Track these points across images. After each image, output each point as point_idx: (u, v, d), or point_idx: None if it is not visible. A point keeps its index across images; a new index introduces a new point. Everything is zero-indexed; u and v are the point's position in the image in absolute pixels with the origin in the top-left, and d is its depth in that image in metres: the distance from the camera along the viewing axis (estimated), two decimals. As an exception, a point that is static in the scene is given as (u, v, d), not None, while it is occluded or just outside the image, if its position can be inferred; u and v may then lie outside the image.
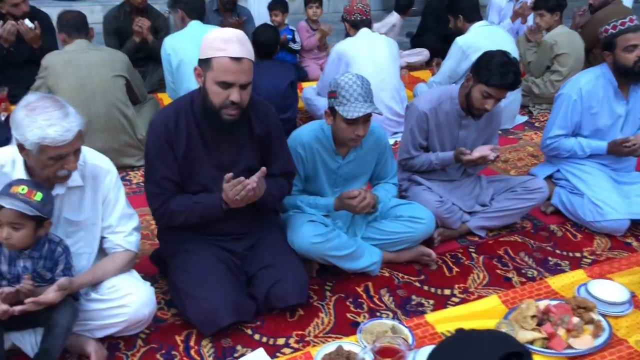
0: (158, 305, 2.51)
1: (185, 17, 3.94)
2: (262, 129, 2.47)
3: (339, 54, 4.28)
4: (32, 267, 2.07)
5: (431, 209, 2.93)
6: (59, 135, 1.94)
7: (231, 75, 2.20)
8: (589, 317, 2.36)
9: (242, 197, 2.30)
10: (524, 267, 2.97)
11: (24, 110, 1.96)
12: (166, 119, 2.37)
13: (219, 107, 2.26)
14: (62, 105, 2.01)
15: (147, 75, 4.98)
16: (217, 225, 2.49)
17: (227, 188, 2.31)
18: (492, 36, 4.32)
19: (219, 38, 2.21)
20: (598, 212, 3.21)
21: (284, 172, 2.59)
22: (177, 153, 2.37)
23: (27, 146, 1.97)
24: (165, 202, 2.40)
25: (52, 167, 2.02)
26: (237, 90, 2.22)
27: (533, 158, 4.24)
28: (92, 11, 7.27)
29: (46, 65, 3.53)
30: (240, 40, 2.22)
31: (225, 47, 2.18)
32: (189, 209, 2.40)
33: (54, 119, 1.94)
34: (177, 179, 2.40)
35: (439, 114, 3.04)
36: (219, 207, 2.38)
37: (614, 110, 3.32)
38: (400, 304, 2.65)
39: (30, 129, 1.93)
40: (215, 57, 2.19)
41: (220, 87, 2.22)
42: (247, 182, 2.29)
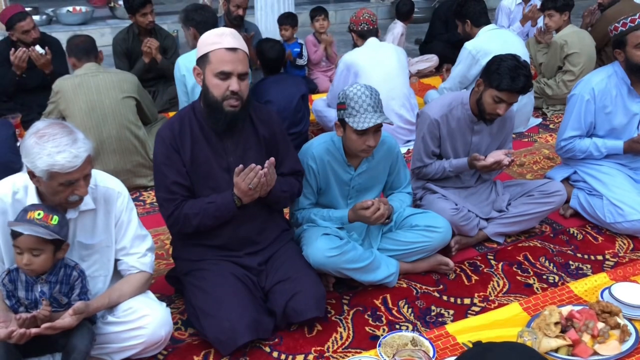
0: (175, 326, 2.51)
1: (198, 35, 3.94)
2: (266, 130, 2.52)
3: (347, 64, 4.27)
4: (49, 291, 2.07)
5: (447, 217, 2.89)
6: (67, 161, 1.96)
7: (228, 64, 2.29)
8: (615, 322, 2.30)
9: (255, 185, 2.33)
10: (545, 272, 2.91)
11: (33, 138, 1.98)
12: (171, 126, 2.43)
13: (221, 99, 2.33)
14: (71, 131, 2.03)
15: (158, 95, 5.01)
16: (230, 230, 2.48)
17: (239, 180, 2.34)
18: (501, 39, 4.28)
19: (212, 34, 2.34)
20: (618, 213, 3.14)
21: (293, 171, 2.63)
22: (184, 158, 2.40)
23: (37, 173, 1.99)
24: (178, 207, 2.41)
25: (62, 193, 2.04)
26: (236, 79, 2.31)
27: (549, 161, 4.18)
28: (102, 34, 7.36)
29: (57, 90, 3.56)
30: (234, 35, 2.33)
31: (219, 40, 2.30)
32: (202, 210, 2.41)
33: (62, 146, 1.96)
34: (186, 183, 2.42)
35: (450, 120, 3.01)
36: (231, 203, 2.40)
37: (629, 109, 3.27)
38: (419, 315, 2.61)
39: (39, 157, 1.95)
40: (212, 50, 2.30)
41: (219, 79, 2.31)
42: (258, 167, 2.33)
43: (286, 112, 4.01)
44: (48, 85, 3.78)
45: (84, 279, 2.14)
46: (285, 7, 5.82)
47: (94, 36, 5.42)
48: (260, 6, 5.86)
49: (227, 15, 5.27)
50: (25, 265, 2.01)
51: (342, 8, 8.93)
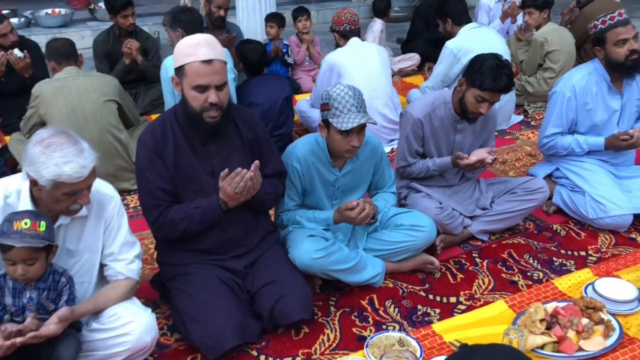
0: (161, 331, 2.49)
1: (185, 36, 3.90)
2: (249, 132, 2.51)
3: (330, 64, 4.27)
4: (37, 297, 2.04)
5: (431, 215, 2.91)
6: (74, 172, 1.95)
7: (204, 77, 2.26)
8: (599, 317, 2.33)
9: (241, 189, 2.32)
10: (529, 269, 2.93)
11: (39, 147, 1.96)
12: (153, 131, 2.40)
13: (200, 111, 2.30)
14: (76, 141, 2.02)
15: (139, 97, 4.96)
16: (216, 234, 2.47)
17: (224, 184, 2.33)
18: (482, 38, 4.31)
19: (187, 44, 2.29)
20: (600, 209, 3.18)
21: (277, 172, 2.63)
22: (167, 162, 2.38)
23: (42, 182, 1.97)
24: (163, 212, 2.40)
25: (65, 202, 2.03)
26: (214, 91, 2.28)
27: (531, 157, 4.22)
28: (82, 37, 7.28)
29: (37, 94, 3.51)
30: (209, 44, 2.29)
31: (194, 52, 2.25)
32: (188, 215, 2.39)
33: (69, 156, 1.96)
34: (170, 188, 2.40)
35: (433, 119, 3.02)
36: (217, 207, 2.39)
37: (609, 105, 3.30)
38: (406, 314, 2.61)
39: (45, 166, 1.94)
40: (187, 63, 2.26)
41: (197, 92, 2.28)
42: (244, 171, 2.32)
43: (270, 113, 3.99)
44: (27, 89, 3.73)
45: (72, 286, 2.12)
46: (267, 8, 5.81)
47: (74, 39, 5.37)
48: (242, 6, 5.85)
49: (209, 16, 5.24)
50: (21, 276, 1.98)
51: (324, 8, 8.92)
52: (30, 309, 2.02)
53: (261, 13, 5.74)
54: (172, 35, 3.99)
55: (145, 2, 9.20)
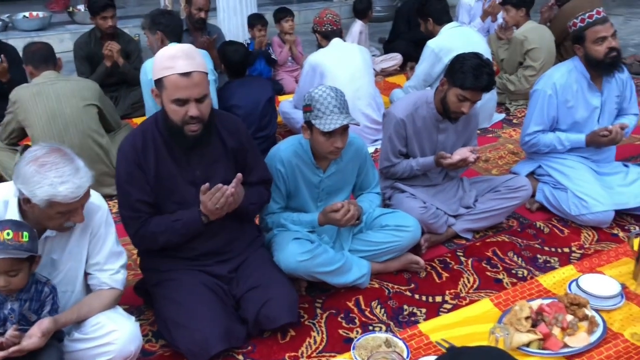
0: (146, 337, 2.47)
1: (165, 39, 3.88)
2: (233, 141, 2.46)
3: (313, 65, 4.26)
4: (19, 309, 2.00)
5: (416, 215, 2.91)
6: (70, 192, 1.92)
7: (183, 91, 2.21)
8: (583, 314, 2.35)
9: (222, 205, 2.28)
10: (514, 267, 2.95)
11: (33, 166, 1.92)
12: (133, 141, 2.35)
13: (181, 124, 2.26)
14: (72, 159, 1.98)
15: (120, 100, 4.92)
16: (199, 244, 2.45)
17: (205, 199, 2.29)
18: (463, 37, 4.33)
19: (165, 56, 2.23)
20: (583, 206, 3.21)
21: (261, 180, 2.59)
22: (148, 174, 2.34)
23: (35, 201, 1.93)
24: (143, 224, 2.36)
25: (58, 219, 2.00)
26: (194, 104, 2.23)
27: (514, 155, 4.24)
28: (62, 40, 7.20)
29: (14, 100, 3.45)
30: (187, 55, 2.22)
31: (172, 65, 2.20)
32: (169, 228, 2.36)
33: (65, 176, 1.92)
34: (151, 200, 2.37)
35: (416, 119, 3.02)
36: (198, 220, 2.36)
37: (590, 103, 3.33)
38: (392, 315, 2.61)
39: (40, 186, 1.90)
40: (165, 76, 2.21)
41: (176, 105, 2.23)
42: (225, 187, 2.28)
43: (253, 116, 3.97)
44: (5, 94, 3.68)
45: (55, 296, 2.08)
46: (248, 9, 5.79)
47: (53, 42, 5.31)
48: (223, 8, 5.82)
49: (189, 18, 5.21)
50: (3, 287, 1.93)
51: (306, 8, 8.91)
52: (11, 321, 1.98)
53: (242, 14, 5.72)
54: (151, 39, 3.95)
55: (126, 4, 9.13)
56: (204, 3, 5.17)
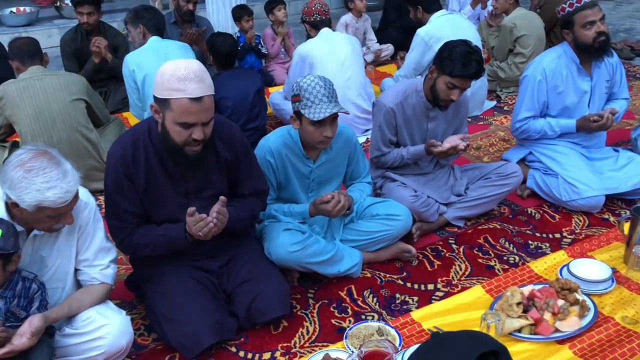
0: (138, 331, 2.46)
1: (147, 33, 3.90)
2: (228, 152, 2.39)
3: (302, 56, 4.24)
4: (4, 307, 1.99)
5: (407, 204, 2.91)
6: (58, 197, 1.90)
7: (192, 116, 2.11)
8: (574, 298, 2.35)
9: (204, 234, 2.25)
10: (505, 253, 2.95)
11: (20, 171, 1.89)
12: (123, 150, 2.27)
13: (182, 145, 2.19)
14: (59, 162, 1.94)
15: (109, 95, 4.89)
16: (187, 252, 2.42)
17: (190, 223, 2.25)
18: (453, 25, 4.31)
19: (175, 77, 2.08)
20: (573, 191, 3.21)
21: (254, 191, 2.52)
22: (138, 186, 2.29)
23: (24, 206, 1.91)
24: (129, 235, 2.33)
25: (48, 222, 1.99)
26: (200, 128, 2.14)
27: (505, 142, 4.24)
28: (49, 35, 7.13)
29: (1, 96, 3.41)
30: (198, 77, 2.10)
31: (183, 88, 2.07)
32: (153, 242, 2.34)
33: (53, 181, 1.89)
34: (139, 211, 2.33)
35: (405, 108, 3.01)
36: (183, 239, 2.32)
37: (579, 87, 3.33)
38: (384, 304, 2.62)
39: (27, 192, 1.87)
40: (174, 98, 2.09)
41: (182, 128, 2.14)
42: (209, 219, 2.23)
43: (242, 107, 3.95)
44: (-8, 91, 3.64)
45: (43, 292, 2.07)
46: (237, 1, 5.74)
47: (41, 37, 5.27)
48: (211, 0, 5.77)
49: (177, 10, 5.18)
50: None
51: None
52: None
53: (231, 6, 5.68)
54: (134, 33, 3.97)
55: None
56: (192, -5, 5.14)
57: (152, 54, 3.81)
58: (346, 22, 5.86)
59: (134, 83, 3.82)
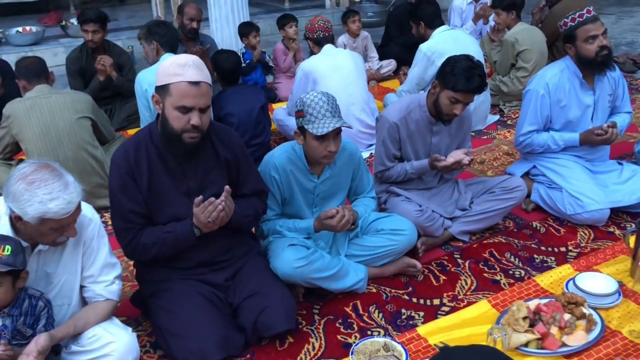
0: (144, 348, 2.46)
1: (160, 49, 3.93)
2: (227, 152, 2.46)
3: (305, 72, 4.27)
4: (11, 325, 1.99)
5: (411, 218, 2.91)
6: (61, 208, 1.92)
7: (190, 99, 2.20)
8: (580, 312, 2.34)
9: (214, 219, 2.28)
10: (511, 267, 2.95)
11: (22, 184, 1.91)
12: (126, 152, 2.34)
13: (180, 132, 2.25)
14: (60, 174, 1.97)
15: (115, 112, 4.92)
16: (194, 254, 2.44)
17: (198, 212, 2.29)
18: (455, 40, 4.34)
19: (175, 64, 2.22)
20: (578, 205, 3.21)
21: (255, 191, 2.57)
22: (141, 186, 2.33)
23: (27, 219, 1.93)
24: (135, 236, 2.35)
25: (51, 235, 2.00)
26: (197, 113, 2.23)
27: (509, 156, 4.25)
28: (55, 54, 7.20)
29: (8, 114, 3.45)
30: (197, 65, 2.23)
31: (182, 72, 2.19)
32: (160, 240, 2.35)
33: (55, 192, 1.92)
34: (143, 211, 2.36)
35: (409, 122, 3.03)
36: (191, 233, 2.35)
37: (582, 101, 3.34)
38: (390, 319, 2.61)
39: (30, 204, 1.90)
40: (173, 82, 2.19)
41: (180, 112, 2.22)
42: (217, 201, 2.27)
43: (247, 124, 3.98)
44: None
45: (50, 309, 2.07)
46: (241, 18, 5.80)
47: (47, 56, 5.33)
48: (215, 18, 5.83)
49: (182, 28, 5.23)
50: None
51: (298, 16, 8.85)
52: (4, 337, 1.98)
53: (234, 24, 5.73)
54: (147, 49, 3.99)
55: (119, 16, 9.16)
56: (196, 13, 5.19)
57: None
58: (344, 42, 5.89)
59: (146, 101, 3.83)
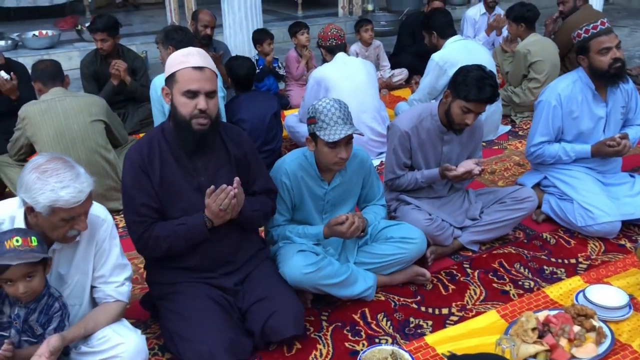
0: (152, 351, 2.47)
1: None
2: (237, 150, 2.51)
3: (317, 80, 4.29)
4: (24, 315, 2.02)
5: (421, 227, 2.91)
6: (72, 197, 1.94)
7: (195, 83, 2.28)
8: (590, 325, 2.33)
9: (226, 206, 2.31)
10: (520, 278, 2.93)
11: (35, 173, 1.95)
12: (139, 149, 2.40)
13: (189, 118, 2.30)
14: (72, 165, 2.01)
15: (128, 116, 4.96)
16: (203, 250, 2.45)
17: (210, 201, 2.32)
18: (467, 50, 4.35)
19: (179, 54, 2.34)
20: (589, 216, 3.19)
21: (265, 189, 2.60)
22: (154, 180, 2.37)
23: (38, 209, 1.96)
24: (147, 229, 2.38)
25: (62, 228, 2.02)
26: (204, 97, 2.29)
27: (519, 167, 4.24)
28: (70, 58, 7.28)
29: (23, 116, 3.49)
30: (200, 53, 2.34)
31: (186, 60, 2.30)
32: (172, 232, 2.37)
33: (66, 181, 1.95)
34: (156, 205, 2.39)
35: (420, 131, 3.03)
36: (202, 225, 2.37)
37: (595, 113, 3.33)
38: (398, 327, 2.60)
39: (42, 192, 1.93)
40: (178, 69, 2.29)
41: (187, 98, 2.29)
42: (229, 188, 2.31)
43: (259, 130, 4.00)
44: (14, 111, 3.71)
45: (64, 313, 2.09)
46: (254, 24, 5.85)
47: (62, 60, 5.39)
48: (229, 24, 5.88)
49: (196, 34, 5.27)
50: (23, 294, 1.96)
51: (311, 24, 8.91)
52: (15, 327, 2.01)
53: (248, 31, 5.78)
54: (164, 53, 4.02)
55: (133, 21, 9.25)
56: (210, 20, 5.24)
57: None
58: (356, 50, 5.92)
59: (161, 106, 3.85)
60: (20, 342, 2.04)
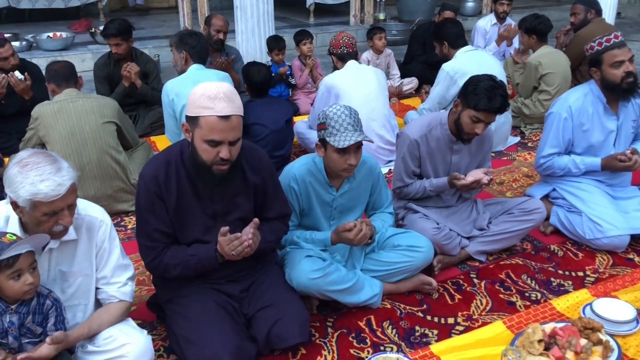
0: (157, 352, 2.48)
1: (189, 59, 3.97)
2: (256, 177, 2.45)
3: (328, 87, 4.31)
4: (18, 322, 2.02)
5: (429, 236, 2.91)
6: (50, 190, 1.93)
7: (219, 133, 2.18)
8: (597, 338, 2.31)
9: (238, 253, 2.29)
10: (527, 289, 2.92)
11: (16, 167, 1.96)
12: (155, 171, 2.34)
13: (210, 164, 2.25)
14: (55, 159, 2.01)
15: (139, 119, 5.00)
16: (214, 272, 2.45)
17: (223, 242, 2.29)
18: (478, 60, 4.35)
19: (205, 96, 2.17)
20: (597, 230, 3.18)
21: (280, 215, 2.58)
22: (169, 205, 2.34)
23: (21, 203, 1.96)
24: (159, 255, 2.37)
25: (46, 223, 2.01)
26: (227, 147, 2.21)
27: (528, 178, 4.23)
28: (83, 60, 7.35)
29: (36, 116, 3.53)
30: (228, 97, 2.19)
31: (212, 106, 2.16)
32: (183, 262, 2.37)
33: (45, 174, 1.94)
34: (169, 230, 2.37)
35: (429, 140, 3.04)
36: (213, 258, 2.36)
37: (605, 126, 3.33)
38: (404, 335, 2.60)
39: (22, 185, 1.93)
40: (203, 115, 2.17)
41: (209, 145, 2.21)
42: (243, 237, 2.27)
43: (271, 135, 4.03)
44: (27, 111, 3.75)
45: (58, 307, 2.10)
46: (266, 31, 5.87)
47: (75, 61, 5.44)
48: (241, 30, 5.91)
49: (208, 39, 5.31)
50: (30, 285, 1.97)
51: (323, 31, 9.02)
52: (12, 334, 2.00)
53: (260, 37, 5.81)
54: (177, 57, 4.04)
55: (146, 25, 9.32)
56: (223, 25, 5.28)
57: (192, 83, 3.84)
58: (367, 58, 5.93)
59: (172, 111, 3.86)
60: (22, 346, 2.03)
